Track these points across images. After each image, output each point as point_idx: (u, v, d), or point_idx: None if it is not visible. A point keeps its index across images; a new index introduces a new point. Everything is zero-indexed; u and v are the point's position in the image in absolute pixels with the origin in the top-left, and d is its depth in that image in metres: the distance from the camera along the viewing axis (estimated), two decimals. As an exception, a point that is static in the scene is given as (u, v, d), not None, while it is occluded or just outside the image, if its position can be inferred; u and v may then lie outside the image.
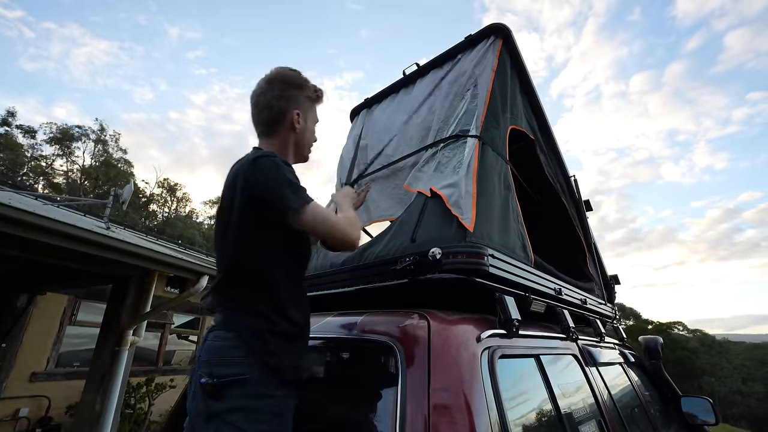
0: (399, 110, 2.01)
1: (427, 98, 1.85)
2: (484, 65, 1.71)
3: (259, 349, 0.83)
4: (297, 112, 1.06)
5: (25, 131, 21.94)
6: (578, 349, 1.43)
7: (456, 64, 1.86)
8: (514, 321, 0.97)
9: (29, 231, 2.67)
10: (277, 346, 0.85)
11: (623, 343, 2.25)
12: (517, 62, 1.92)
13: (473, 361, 0.82)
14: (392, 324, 0.90)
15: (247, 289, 0.90)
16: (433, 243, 1.04)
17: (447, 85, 1.78)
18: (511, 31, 1.82)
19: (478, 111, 1.51)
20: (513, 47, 1.86)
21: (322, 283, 1.38)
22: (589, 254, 2.26)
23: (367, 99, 2.37)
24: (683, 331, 37.45)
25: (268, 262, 0.92)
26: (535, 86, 2.08)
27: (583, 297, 1.70)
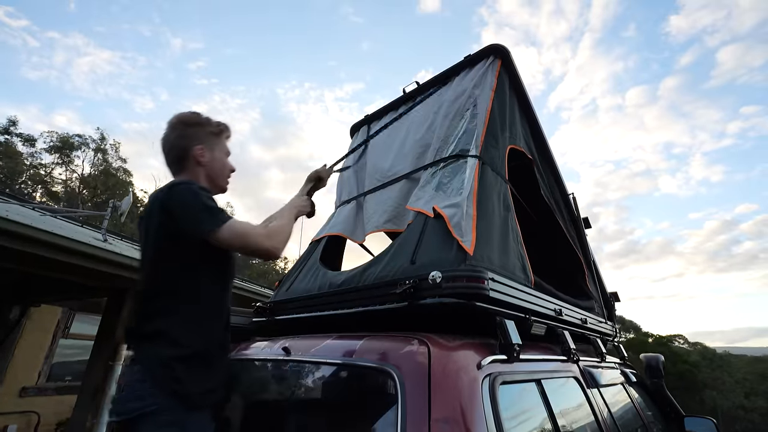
0: (399, 128, 2.03)
1: (426, 117, 1.87)
2: (483, 85, 1.73)
3: (165, 378, 0.88)
4: (199, 147, 1.15)
5: (25, 139, 22.05)
6: (579, 370, 1.41)
7: (455, 83, 1.89)
8: (515, 345, 0.96)
9: (26, 244, 2.66)
10: (184, 372, 0.90)
11: (624, 362, 2.23)
12: (516, 82, 1.95)
13: (474, 389, 0.81)
14: (392, 349, 0.89)
15: (161, 314, 0.95)
16: (433, 265, 1.04)
17: (447, 105, 1.80)
18: (509, 52, 1.85)
19: (478, 131, 1.53)
20: (511, 67, 1.89)
21: (320, 303, 1.37)
22: (588, 272, 2.26)
23: (367, 115, 2.40)
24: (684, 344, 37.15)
25: (184, 284, 0.99)
26: (533, 104, 2.10)
27: (583, 316, 1.69)
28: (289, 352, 1.14)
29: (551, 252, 2.22)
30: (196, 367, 0.93)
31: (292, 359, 1.12)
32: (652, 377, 2.37)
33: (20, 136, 21.93)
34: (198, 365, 0.94)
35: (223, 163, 1.21)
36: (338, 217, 1.99)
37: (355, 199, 2.00)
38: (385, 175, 1.87)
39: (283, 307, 1.56)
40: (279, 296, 1.70)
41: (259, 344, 1.42)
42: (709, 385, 27.68)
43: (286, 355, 1.14)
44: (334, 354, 1.01)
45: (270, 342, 1.38)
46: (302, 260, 1.84)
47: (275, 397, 1.17)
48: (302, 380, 1.09)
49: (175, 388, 0.87)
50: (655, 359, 2.42)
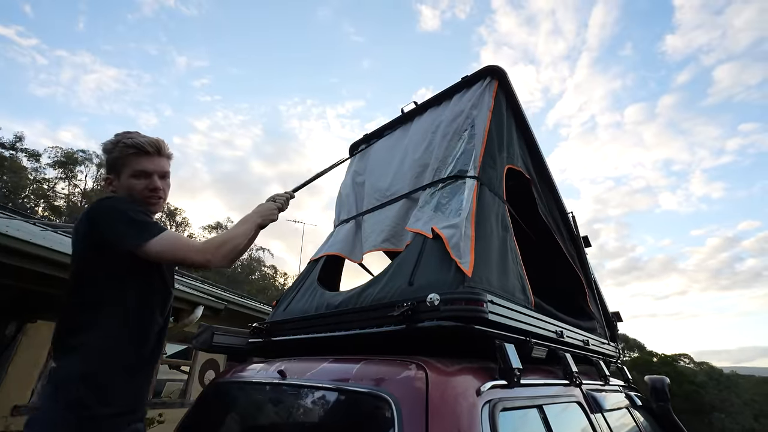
0: (396, 148, 2.06)
1: (424, 136, 1.90)
2: (480, 106, 1.76)
3: (74, 399, 0.87)
4: (108, 177, 1.16)
5: (30, 155, 22.31)
6: (582, 394, 1.37)
7: (452, 103, 1.91)
8: (516, 370, 0.94)
9: (24, 260, 2.65)
10: (96, 392, 0.89)
11: (629, 384, 2.17)
12: (513, 102, 1.98)
13: (473, 416, 0.78)
14: (388, 374, 0.87)
15: (82, 328, 0.95)
16: (431, 287, 1.03)
17: (444, 125, 1.82)
18: (506, 73, 1.88)
19: (476, 151, 1.54)
20: (508, 88, 1.92)
21: (318, 325, 1.35)
22: (589, 291, 2.24)
23: (366, 135, 2.42)
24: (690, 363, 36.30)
25: (108, 295, 0.98)
26: (531, 123, 2.12)
27: (585, 338, 1.66)
28: (285, 376, 1.12)
29: (551, 272, 2.20)
30: (110, 386, 0.93)
31: (288, 383, 1.09)
32: (657, 400, 2.30)
33: (25, 151, 22.23)
34: (114, 384, 0.94)
35: (130, 186, 1.13)
36: (337, 236, 1.98)
37: (354, 218, 2.00)
38: (384, 194, 1.88)
39: (279, 328, 1.53)
40: (276, 316, 1.68)
41: (255, 366, 1.40)
42: (717, 407, 26.89)
43: (282, 379, 1.12)
44: (330, 378, 0.98)
45: (266, 364, 1.35)
46: (300, 280, 1.83)
47: (270, 421, 1.14)
48: (297, 404, 1.06)
49: (82, 412, 0.86)
50: (660, 381, 2.35)
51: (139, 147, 1.14)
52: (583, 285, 2.21)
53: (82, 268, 1.01)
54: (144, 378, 1.05)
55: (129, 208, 1.01)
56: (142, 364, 1.04)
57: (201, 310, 4.74)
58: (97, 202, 1.04)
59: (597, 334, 1.99)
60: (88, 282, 0.99)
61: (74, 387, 0.88)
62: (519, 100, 2.01)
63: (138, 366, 1.03)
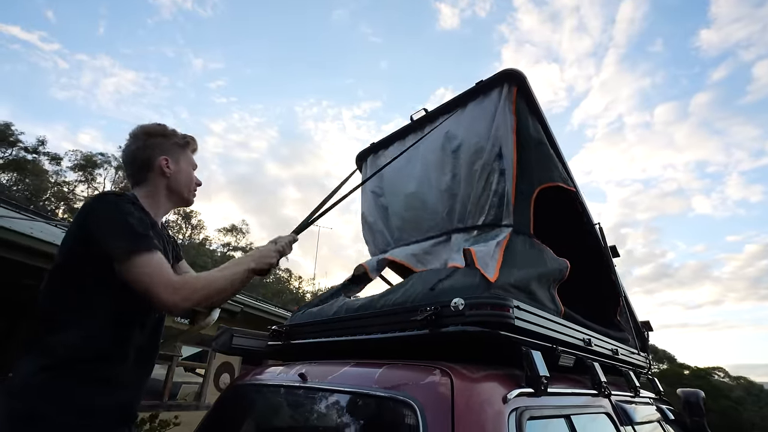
0: (413, 165, 1.99)
1: (443, 157, 1.83)
2: (504, 126, 1.66)
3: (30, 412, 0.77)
4: (164, 158, 1.11)
5: (52, 158, 23.26)
6: (611, 406, 1.32)
7: (469, 115, 1.82)
8: (543, 378, 0.91)
9: (48, 262, 2.76)
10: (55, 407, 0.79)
11: (660, 397, 2.06)
12: (535, 109, 1.87)
13: (500, 424, 0.76)
14: (413, 379, 0.86)
15: (58, 328, 0.85)
16: (454, 292, 1.02)
17: (467, 149, 1.74)
18: (525, 77, 1.78)
19: (508, 194, 1.55)
20: (529, 93, 1.82)
21: (337, 328, 1.35)
22: (618, 301, 2.14)
23: (373, 144, 2.34)
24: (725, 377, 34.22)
25: (90, 295, 0.88)
26: (553, 129, 1.99)
27: (614, 347, 1.60)
28: (306, 379, 1.12)
29: (581, 282, 2.12)
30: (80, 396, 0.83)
31: (309, 386, 1.10)
32: (691, 415, 2.17)
33: (47, 154, 23.19)
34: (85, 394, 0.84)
35: (188, 175, 1.17)
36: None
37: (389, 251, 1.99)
38: (418, 230, 1.86)
39: (299, 331, 1.54)
40: (294, 320, 1.70)
41: (274, 369, 1.41)
42: (758, 424, 25.14)
43: (303, 382, 1.12)
44: (353, 382, 0.98)
45: (286, 367, 1.36)
46: (329, 290, 1.84)
47: (291, 424, 1.14)
48: (319, 408, 1.06)
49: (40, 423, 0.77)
50: (694, 395, 2.22)
51: (196, 145, 1.21)
52: (614, 295, 2.12)
53: (66, 263, 0.92)
54: (130, 388, 0.94)
55: (132, 214, 0.93)
56: (125, 371, 0.93)
57: (217, 312, 4.83)
58: (95, 199, 0.96)
59: (627, 343, 1.91)
60: (69, 279, 0.90)
61: (34, 395, 0.79)
62: (540, 105, 1.89)
63: (119, 373, 0.91)
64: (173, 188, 1.14)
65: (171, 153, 1.13)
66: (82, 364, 0.85)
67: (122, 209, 0.93)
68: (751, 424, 24.78)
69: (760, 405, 27.44)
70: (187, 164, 1.18)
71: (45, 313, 0.90)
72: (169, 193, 1.14)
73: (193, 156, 1.23)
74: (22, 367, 0.83)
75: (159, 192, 1.12)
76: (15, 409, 0.79)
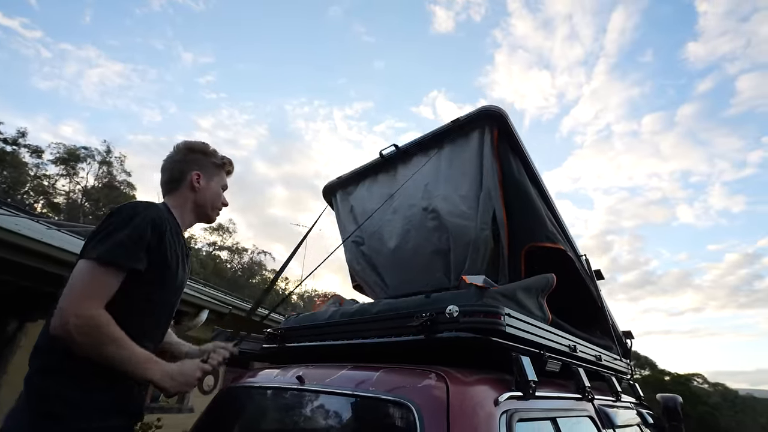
0: (392, 218, 1.90)
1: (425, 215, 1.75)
2: (490, 180, 1.59)
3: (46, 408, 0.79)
4: (197, 173, 1.17)
5: (33, 150, 22.03)
6: (594, 409, 1.38)
7: (448, 159, 1.71)
8: (531, 382, 0.96)
9: (34, 258, 2.68)
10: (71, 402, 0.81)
11: (640, 402, 2.15)
12: (517, 149, 1.71)
13: (492, 426, 0.81)
14: (410, 383, 0.90)
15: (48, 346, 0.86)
16: (448, 300, 1.07)
17: (453, 213, 1.66)
18: (506, 116, 1.62)
19: (503, 257, 1.56)
20: (510, 134, 1.65)
21: (333, 332, 1.38)
22: (604, 315, 2.21)
23: (340, 179, 2.23)
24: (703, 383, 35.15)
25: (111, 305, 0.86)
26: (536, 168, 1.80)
27: (597, 353, 1.67)
28: (303, 381, 1.15)
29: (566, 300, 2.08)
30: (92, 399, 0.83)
31: (306, 389, 1.12)
32: (670, 420, 2.26)
33: (28, 147, 21.98)
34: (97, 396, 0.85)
35: (216, 193, 1.22)
36: None
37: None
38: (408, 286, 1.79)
39: (294, 335, 1.56)
40: (289, 323, 1.71)
41: (269, 372, 1.42)
42: (732, 430, 25.89)
43: (300, 384, 1.15)
44: (350, 385, 1.01)
45: (281, 370, 1.38)
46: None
47: (288, 427, 1.17)
48: (317, 411, 1.09)
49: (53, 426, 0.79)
50: (673, 400, 2.31)
51: (232, 168, 1.30)
52: (598, 310, 2.15)
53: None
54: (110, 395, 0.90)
55: (134, 222, 0.91)
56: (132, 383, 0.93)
57: (206, 313, 4.76)
58: (126, 203, 1.00)
59: (610, 351, 1.98)
60: None
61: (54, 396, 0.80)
62: (523, 145, 1.72)
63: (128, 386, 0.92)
64: (199, 203, 1.19)
65: (205, 170, 1.20)
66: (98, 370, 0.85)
67: (132, 216, 0.92)
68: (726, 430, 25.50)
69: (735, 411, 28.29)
70: (218, 184, 1.24)
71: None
72: (194, 206, 1.19)
73: (227, 178, 1.29)
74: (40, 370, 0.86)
75: (186, 204, 1.17)
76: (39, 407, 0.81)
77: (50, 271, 2.81)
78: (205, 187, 1.19)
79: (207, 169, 1.20)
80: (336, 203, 2.28)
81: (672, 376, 32.59)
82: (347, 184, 2.22)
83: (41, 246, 2.68)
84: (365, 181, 2.10)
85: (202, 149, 1.21)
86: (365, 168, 2.08)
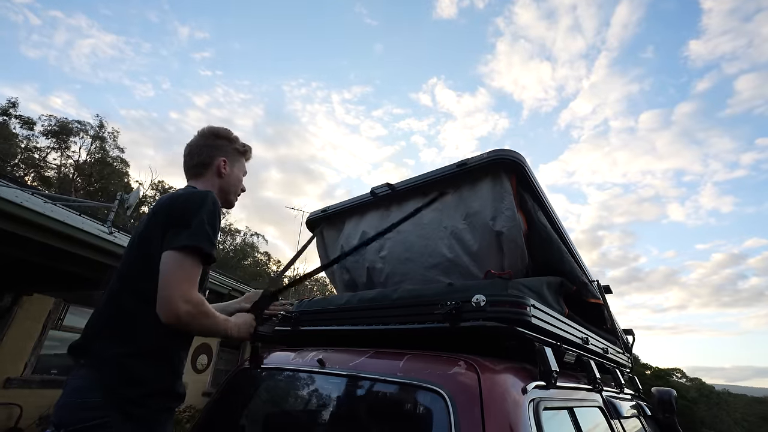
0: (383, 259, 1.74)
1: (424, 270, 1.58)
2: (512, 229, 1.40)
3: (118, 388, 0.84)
4: (223, 159, 1.22)
5: (24, 122, 21.29)
6: (603, 400, 1.41)
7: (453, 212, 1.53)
8: (554, 372, 0.98)
9: (34, 231, 2.62)
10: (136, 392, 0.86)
11: (639, 394, 2.21)
12: (536, 196, 1.53)
13: (522, 413, 0.82)
14: (440, 370, 0.90)
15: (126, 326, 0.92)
16: (472, 289, 1.07)
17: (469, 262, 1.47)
18: (523, 161, 1.43)
19: None
20: (528, 181, 1.47)
21: (350, 317, 1.38)
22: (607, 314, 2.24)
23: (325, 211, 2.09)
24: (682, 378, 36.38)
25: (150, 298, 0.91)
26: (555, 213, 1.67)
27: (605, 346, 1.70)
28: (324, 365, 1.15)
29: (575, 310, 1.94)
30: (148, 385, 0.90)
31: (328, 372, 1.13)
32: (664, 412, 2.34)
33: (19, 118, 21.25)
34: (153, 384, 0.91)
35: (238, 179, 1.28)
36: None
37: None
38: None
39: (308, 318, 1.56)
40: (302, 307, 1.71)
41: (284, 354, 1.43)
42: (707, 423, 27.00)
43: (321, 367, 1.15)
44: (376, 369, 1.02)
45: (297, 353, 1.38)
46: None
47: (309, 409, 1.18)
48: (339, 394, 1.10)
49: (127, 409, 0.84)
50: (667, 393, 2.39)
51: (251, 154, 1.33)
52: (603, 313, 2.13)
53: (144, 256, 0.96)
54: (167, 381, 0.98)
55: (217, 216, 1.01)
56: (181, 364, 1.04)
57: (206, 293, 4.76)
58: (191, 190, 1.04)
59: (615, 345, 2.03)
60: (146, 273, 0.93)
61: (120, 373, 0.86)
62: (542, 190, 1.55)
63: (180, 367, 1.03)
64: (224, 188, 1.23)
65: (230, 156, 1.24)
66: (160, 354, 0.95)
67: (214, 209, 1.00)
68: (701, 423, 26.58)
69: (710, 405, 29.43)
70: (239, 170, 1.29)
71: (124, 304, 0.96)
72: (219, 192, 1.21)
73: (246, 164, 1.33)
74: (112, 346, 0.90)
75: (213, 189, 1.19)
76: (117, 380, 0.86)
77: (50, 244, 2.76)
78: (230, 173, 1.23)
79: (231, 155, 1.24)
80: (321, 239, 2.15)
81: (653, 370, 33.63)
82: (333, 218, 2.08)
83: (44, 219, 2.62)
84: (353, 218, 1.94)
85: (227, 135, 1.24)
86: (353, 205, 1.93)
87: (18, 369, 4.99)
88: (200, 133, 1.22)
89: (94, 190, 21.77)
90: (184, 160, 1.21)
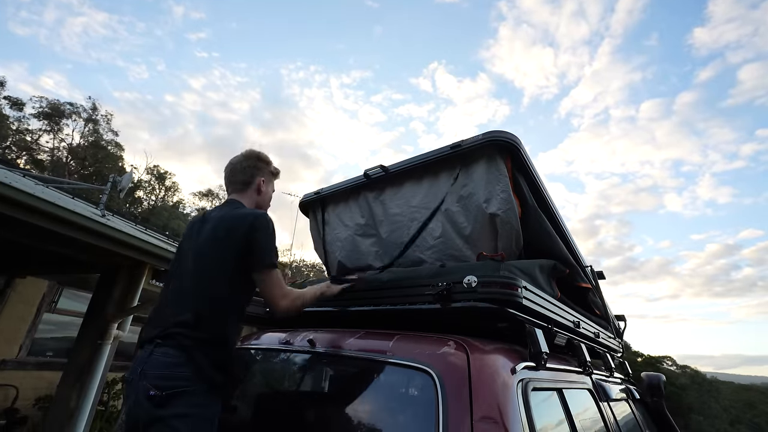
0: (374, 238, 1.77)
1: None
2: (508, 213, 1.37)
3: (204, 368, 1.01)
4: (262, 179, 1.42)
5: (13, 102, 20.59)
6: (592, 383, 1.42)
7: (445, 191, 1.52)
8: (544, 354, 0.97)
9: (26, 213, 2.57)
10: (215, 368, 1.03)
11: (628, 378, 2.24)
12: (530, 179, 1.50)
13: (510, 393, 0.82)
14: (430, 350, 0.90)
15: (208, 320, 1.08)
16: (464, 270, 1.05)
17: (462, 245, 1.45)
18: (519, 144, 1.40)
19: None
20: (523, 162, 1.43)
21: (343, 299, 1.37)
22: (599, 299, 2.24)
23: (318, 193, 2.05)
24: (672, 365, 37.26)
25: (231, 300, 1.14)
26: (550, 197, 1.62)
27: (596, 330, 1.71)
28: (315, 345, 1.14)
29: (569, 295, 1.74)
30: (224, 365, 1.07)
31: (319, 351, 1.12)
32: (652, 396, 2.38)
33: (8, 98, 20.54)
34: (225, 362, 1.08)
35: (270, 196, 1.48)
36: None
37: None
38: None
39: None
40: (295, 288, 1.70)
41: (274, 334, 1.42)
42: (696, 409, 27.78)
43: (311, 347, 1.15)
44: (366, 349, 1.01)
45: (288, 333, 1.38)
46: None
47: (299, 390, 1.17)
48: (330, 373, 1.10)
49: (211, 376, 1.01)
50: (656, 378, 2.43)
51: (279, 175, 1.54)
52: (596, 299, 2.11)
53: (217, 267, 1.13)
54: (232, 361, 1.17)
55: (275, 232, 1.21)
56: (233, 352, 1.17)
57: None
58: (254, 215, 1.21)
59: (606, 329, 2.04)
60: (219, 280, 1.12)
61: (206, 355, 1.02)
62: (536, 172, 1.51)
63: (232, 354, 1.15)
64: (260, 204, 1.41)
65: (266, 177, 1.44)
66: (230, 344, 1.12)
67: (274, 230, 1.21)
68: (689, 408, 27.37)
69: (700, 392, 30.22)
70: (272, 189, 1.50)
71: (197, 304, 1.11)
72: (255, 206, 1.39)
73: (275, 184, 1.54)
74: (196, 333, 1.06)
75: (250, 204, 1.37)
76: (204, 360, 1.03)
77: (41, 225, 2.70)
78: (266, 191, 1.43)
79: (267, 176, 1.44)
80: (315, 219, 2.13)
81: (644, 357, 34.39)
82: (327, 201, 2.06)
83: (34, 200, 2.56)
84: (349, 200, 1.92)
85: (266, 159, 1.45)
86: (347, 186, 1.90)
87: (13, 351, 5.00)
88: (246, 155, 1.42)
89: (88, 174, 21.41)
90: (226, 174, 1.41)
